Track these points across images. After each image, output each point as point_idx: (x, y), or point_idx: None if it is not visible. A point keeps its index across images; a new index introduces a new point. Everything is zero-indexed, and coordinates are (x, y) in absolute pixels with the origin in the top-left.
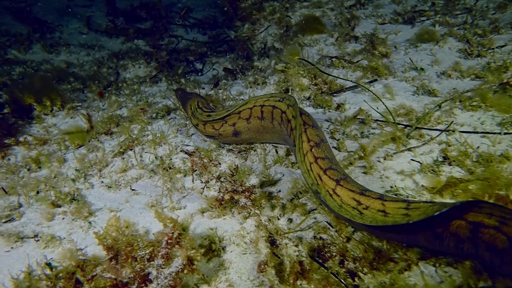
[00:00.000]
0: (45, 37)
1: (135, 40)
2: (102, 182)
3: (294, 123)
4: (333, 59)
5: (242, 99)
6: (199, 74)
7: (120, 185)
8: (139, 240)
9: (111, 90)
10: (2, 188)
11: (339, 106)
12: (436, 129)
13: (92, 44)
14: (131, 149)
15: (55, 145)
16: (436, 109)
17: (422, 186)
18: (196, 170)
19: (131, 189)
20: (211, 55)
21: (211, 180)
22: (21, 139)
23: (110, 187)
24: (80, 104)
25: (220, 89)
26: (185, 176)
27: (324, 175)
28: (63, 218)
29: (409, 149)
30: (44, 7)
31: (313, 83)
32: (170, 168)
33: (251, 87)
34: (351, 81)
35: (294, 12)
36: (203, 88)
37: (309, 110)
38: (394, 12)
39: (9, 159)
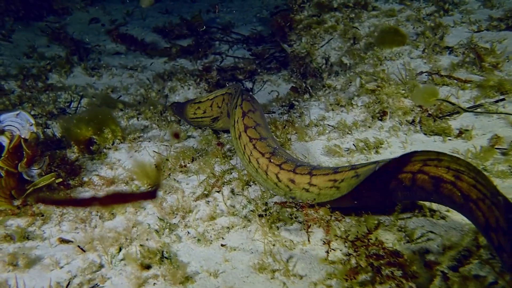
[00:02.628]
0: (84, 59)
1: (178, 59)
2: (188, 233)
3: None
4: (434, 75)
5: (328, 125)
6: (251, 93)
7: (210, 237)
8: None
9: (167, 116)
10: (79, 246)
11: (461, 133)
12: None
13: (134, 65)
14: (218, 191)
15: (123, 185)
16: None
17: None
18: (311, 224)
19: (222, 245)
20: (261, 72)
21: (335, 240)
22: (85, 179)
23: (199, 240)
24: (141, 134)
25: (295, 113)
26: (287, 224)
27: (296, 176)
28: (154, 284)
29: None
30: (79, 26)
31: (417, 104)
32: (266, 214)
33: (333, 109)
34: (477, 105)
35: (362, 22)
36: (273, 112)
37: (420, 137)
38: (489, 17)
39: None
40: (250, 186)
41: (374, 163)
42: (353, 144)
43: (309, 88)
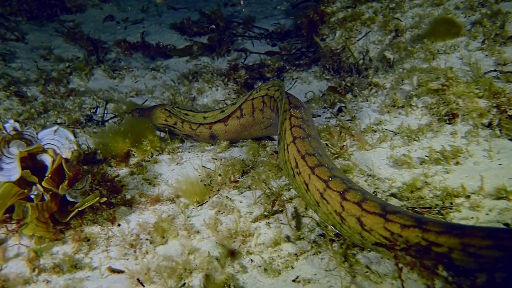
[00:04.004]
0: (104, 59)
1: (200, 57)
2: (252, 261)
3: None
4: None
5: (389, 130)
6: None
7: (277, 266)
8: None
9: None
10: (138, 279)
11: None
12: None
13: (156, 66)
14: (281, 210)
15: (169, 203)
16: None
17: None
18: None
19: (293, 280)
20: (290, 69)
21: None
22: (128, 196)
23: (265, 269)
24: (179, 144)
25: (344, 115)
26: (364, 250)
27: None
28: None
29: None
30: (93, 25)
31: (493, 104)
32: (338, 239)
33: (389, 112)
34: None
35: (404, 13)
36: (319, 116)
37: (505, 143)
38: None
39: (119, 224)
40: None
41: None
42: (426, 155)
43: (350, 86)
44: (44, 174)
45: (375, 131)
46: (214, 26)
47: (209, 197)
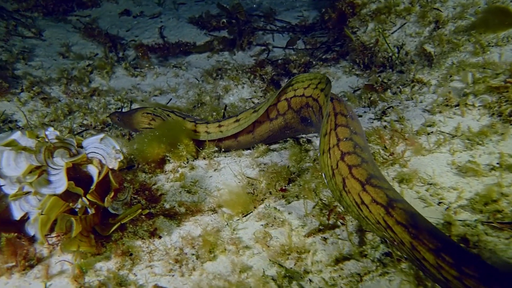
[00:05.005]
0: (124, 56)
1: (221, 53)
2: (311, 281)
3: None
4: None
5: (443, 132)
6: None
7: (340, 287)
8: None
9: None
10: None
11: None
12: None
13: (178, 63)
14: (342, 223)
15: (211, 213)
16: None
17: None
18: None
19: None
20: (316, 64)
21: None
22: (167, 205)
23: None
24: (215, 148)
25: (388, 115)
26: None
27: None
28: None
29: None
30: (109, 20)
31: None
32: (406, 259)
33: (441, 111)
34: None
35: (444, 2)
36: (360, 116)
37: None
38: None
39: (160, 237)
40: None
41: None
42: (497, 162)
43: (387, 83)
44: (88, 185)
45: (429, 134)
46: (224, 21)
47: (254, 208)
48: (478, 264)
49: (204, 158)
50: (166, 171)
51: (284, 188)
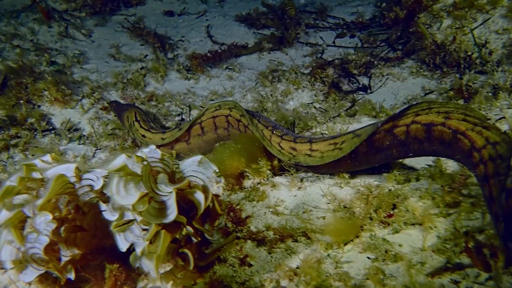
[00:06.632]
0: (175, 58)
1: (272, 52)
2: None
3: (246, 121)
4: None
5: None
6: (368, 92)
7: None
8: None
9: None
10: None
11: None
12: None
13: (230, 64)
14: (496, 261)
15: (304, 239)
16: None
17: None
18: None
19: None
20: (378, 64)
21: None
22: (253, 228)
23: None
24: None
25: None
26: None
27: (296, 144)
28: None
29: None
30: (154, 18)
31: None
32: None
33: None
34: None
35: None
36: None
37: None
38: None
39: (250, 265)
40: None
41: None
42: None
43: (471, 87)
44: (185, 212)
45: None
46: (273, 18)
47: (356, 236)
48: None
49: (283, 175)
50: (245, 188)
51: (390, 214)
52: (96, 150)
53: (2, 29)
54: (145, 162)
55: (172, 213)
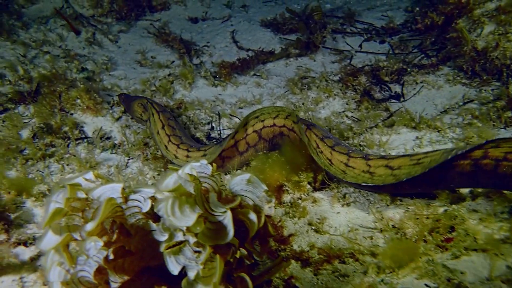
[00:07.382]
0: (202, 65)
1: (299, 58)
2: None
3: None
4: None
5: None
6: (401, 100)
7: None
8: None
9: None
10: None
11: None
12: None
13: (257, 71)
14: None
15: (352, 261)
16: None
17: None
18: None
19: None
20: (411, 72)
21: None
22: (296, 247)
23: None
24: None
25: None
26: None
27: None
28: None
29: None
30: (179, 23)
31: None
32: None
33: None
34: None
35: None
36: None
37: None
38: None
39: (295, 287)
40: None
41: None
42: None
43: None
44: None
45: None
46: (299, 23)
47: (411, 261)
48: None
49: (323, 189)
50: (284, 203)
51: (449, 238)
52: (129, 159)
53: (32, 35)
54: (196, 181)
55: (229, 234)
